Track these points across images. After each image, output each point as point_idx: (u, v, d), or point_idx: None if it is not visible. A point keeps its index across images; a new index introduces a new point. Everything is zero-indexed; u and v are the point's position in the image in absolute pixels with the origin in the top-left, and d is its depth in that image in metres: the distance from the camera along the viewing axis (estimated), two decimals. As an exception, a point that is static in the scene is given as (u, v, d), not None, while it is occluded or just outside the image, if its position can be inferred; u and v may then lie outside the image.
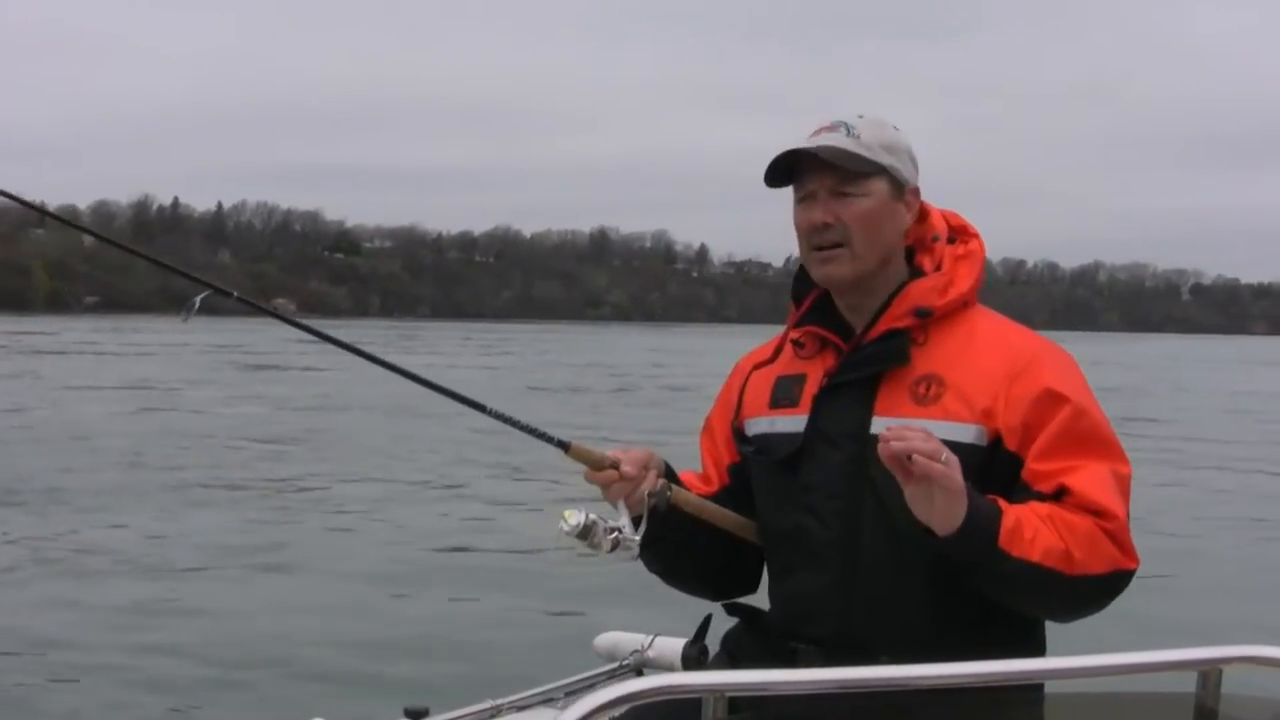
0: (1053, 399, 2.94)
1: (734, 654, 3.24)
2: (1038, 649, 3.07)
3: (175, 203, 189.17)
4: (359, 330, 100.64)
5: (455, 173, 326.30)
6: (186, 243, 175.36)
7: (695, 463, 3.44)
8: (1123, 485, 2.94)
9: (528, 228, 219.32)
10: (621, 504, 3.13)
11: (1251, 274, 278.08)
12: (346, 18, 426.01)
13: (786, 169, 3.14)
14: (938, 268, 3.13)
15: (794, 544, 3.13)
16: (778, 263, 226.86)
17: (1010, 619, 2.97)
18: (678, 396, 37.43)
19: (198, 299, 3.53)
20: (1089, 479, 2.89)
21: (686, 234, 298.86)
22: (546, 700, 3.50)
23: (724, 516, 3.28)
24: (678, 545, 3.25)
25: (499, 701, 3.49)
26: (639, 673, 3.56)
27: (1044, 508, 2.87)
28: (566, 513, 3.10)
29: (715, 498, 3.35)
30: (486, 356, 59.81)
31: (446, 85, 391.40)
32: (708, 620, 3.20)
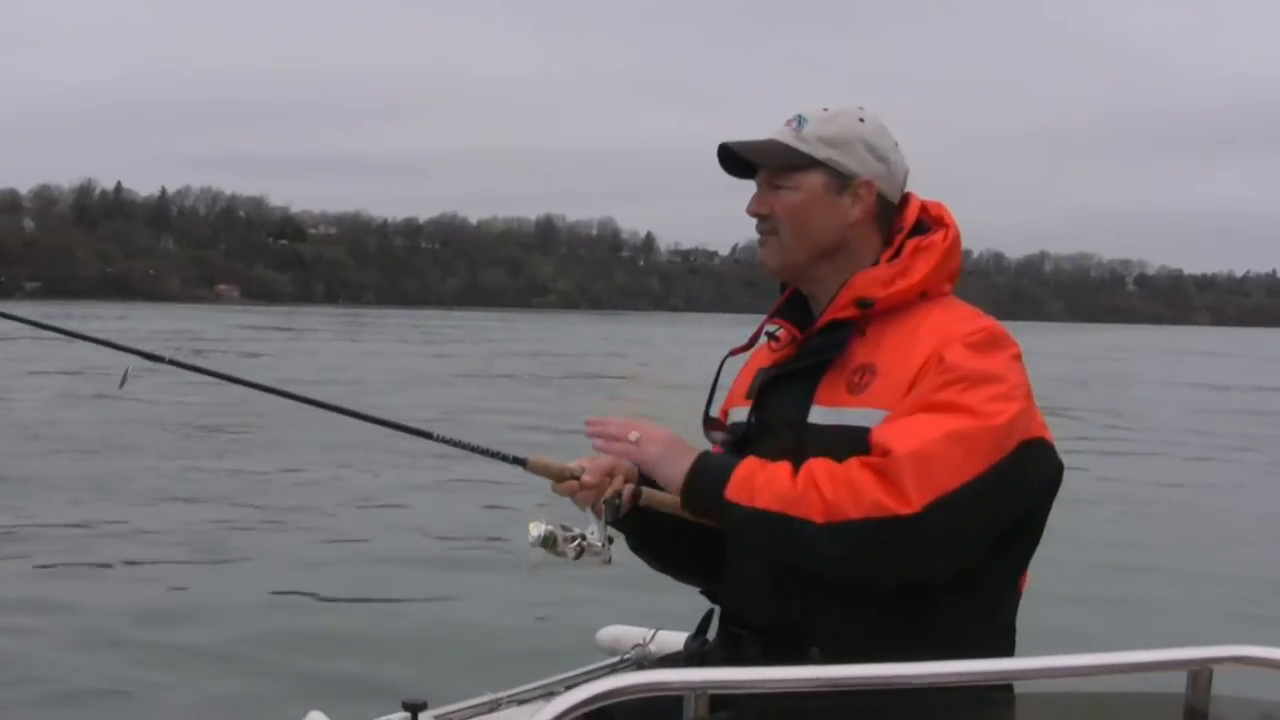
0: (938, 369, 2.88)
1: (690, 644, 3.28)
2: (995, 642, 3.00)
3: (118, 188, 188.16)
4: (304, 317, 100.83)
5: (399, 160, 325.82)
6: (130, 228, 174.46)
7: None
8: (958, 435, 2.77)
9: (474, 215, 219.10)
10: (589, 511, 3.17)
11: (1195, 265, 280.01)
12: (287, 4, 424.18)
13: (749, 162, 3.19)
14: (894, 258, 3.10)
15: None
16: (724, 251, 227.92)
17: (955, 612, 2.89)
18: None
19: (128, 369, 3.42)
20: (898, 426, 2.82)
21: (633, 222, 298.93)
22: (547, 694, 3.48)
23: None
24: (663, 542, 3.28)
25: (498, 695, 3.47)
26: (640, 667, 3.54)
27: (815, 462, 2.84)
28: (531, 524, 3.13)
29: None
30: (434, 344, 59.54)
31: (384, 74, 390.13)
32: (710, 613, 3.19)
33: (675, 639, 3.38)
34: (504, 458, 3.21)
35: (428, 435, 3.34)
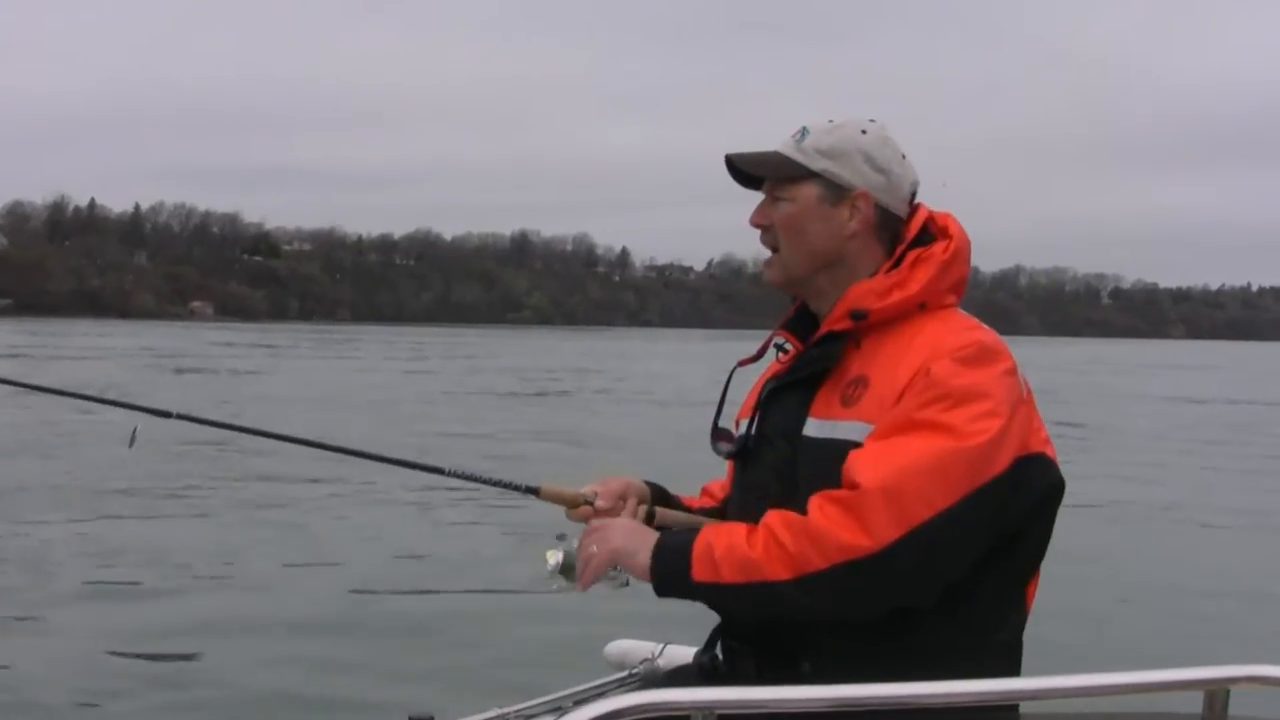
0: (923, 383, 2.84)
1: (698, 660, 3.24)
2: (994, 660, 2.92)
3: (92, 204, 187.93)
4: (279, 334, 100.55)
5: (372, 173, 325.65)
6: (103, 244, 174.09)
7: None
8: (934, 459, 2.73)
9: (448, 230, 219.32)
10: None
11: (1170, 279, 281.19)
12: (254, 19, 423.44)
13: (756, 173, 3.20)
14: (893, 269, 3.07)
15: None
16: (699, 266, 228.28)
17: (945, 629, 2.85)
18: (632, 399, 37.58)
19: (136, 427, 3.41)
20: (871, 451, 2.79)
21: (608, 237, 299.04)
22: (554, 709, 3.45)
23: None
24: None
25: (506, 710, 3.44)
26: (648, 682, 3.53)
27: (773, 516, 2.82)
28: (548, 553, 3.15)
29: (725, 500, 3.40)
30: (417, 361, 59.45)
31: (353, 85, 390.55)
32: (718, 628, 3.17)
33: (684, 653, 3.37)
34: (517, 488, 3.22)
35: (439, 471, 3.34)
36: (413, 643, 9.62)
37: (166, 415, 3.51)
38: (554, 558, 3.13)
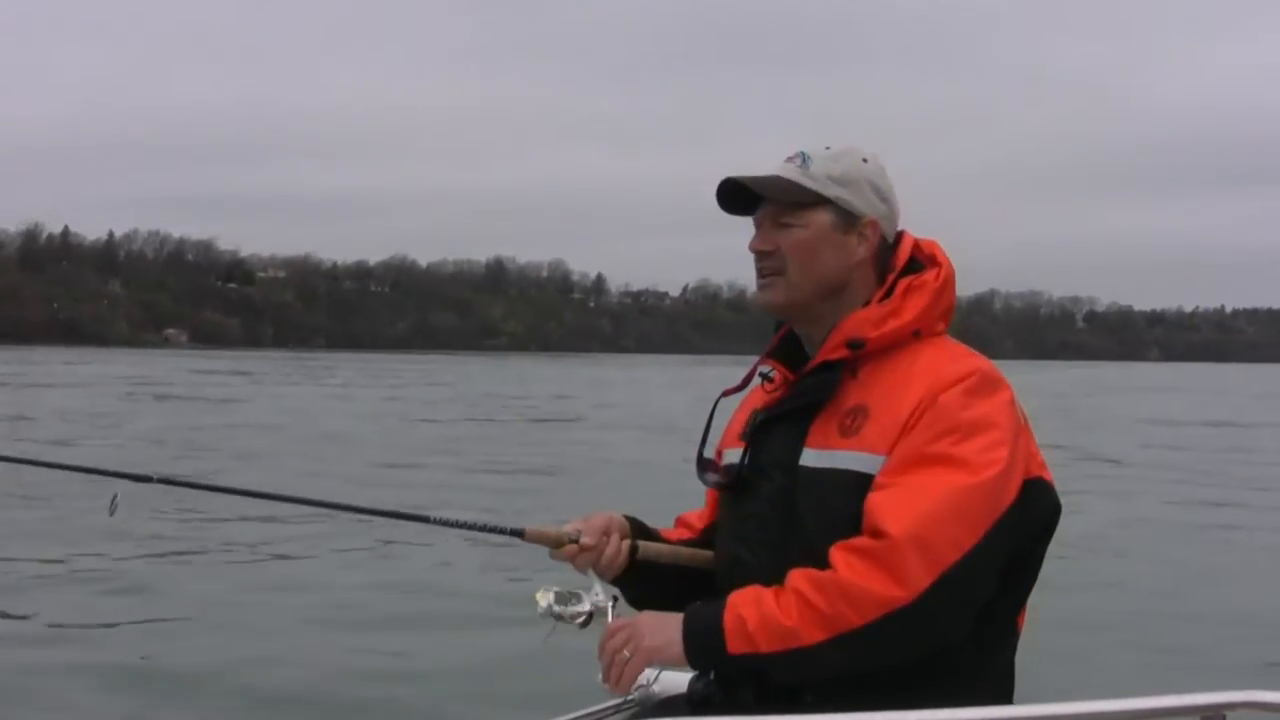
0: (931, 416, 2.88)
1: (693, 687, 3.20)
2: (993, 683, 2.99)
3: (65, 231, 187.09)
4: (255, 361, 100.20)
5: (347, 201, 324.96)
6: (77, 272, 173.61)
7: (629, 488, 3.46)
8: (956, 498, 2.77)
9: (424, 257, 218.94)
10: (591, 572, 3.21)
11: (1144, 301, 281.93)
12: (227, 47, 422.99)
13: (746, 198, 3.17)
14: (885, 298, 3.10)
15: (731, 574, 3.11)
16: (675, 292, 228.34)
17: (950, 654, 2.85)
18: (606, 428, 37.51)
19: (116, 495, 3.29)
20: (892, 496, 2.79)
21: (583, 264, 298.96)
22: None
23: (696, 557, 3.31)
24: (664, 592, 3.26)
25: None
26: (643, 708, 3.52)
27: (798, 577, 2.81)
28: (537, 595, 3.17)
29: (705, 531, 3.40)
30: (395, 388, 59.22)
31: (327, 115, 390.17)
32: None
33: (679, 679, 3.37)
34: (501, 531, 3.23)
35: (424, 519, 3.37)
36: (408, 670, 9.60)
37: (147, 480, 3.42)
38: (544, 599, 3.15)
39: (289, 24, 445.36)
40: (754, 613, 2.81)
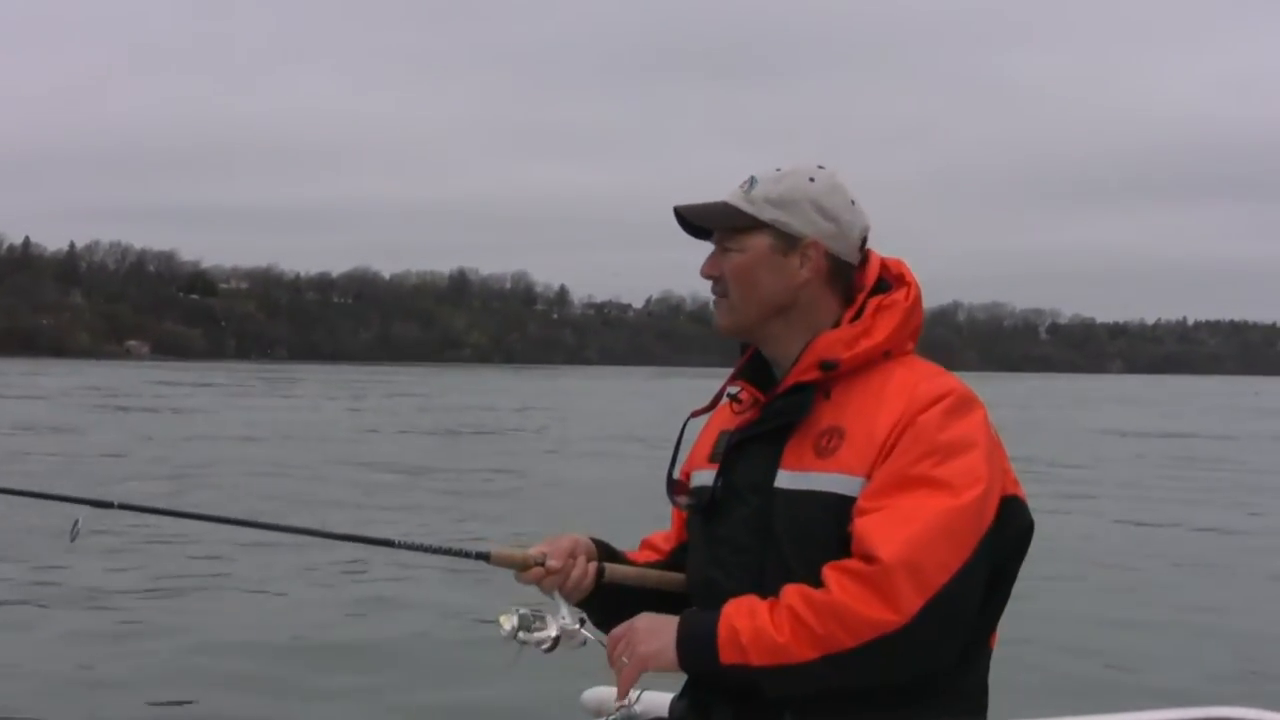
0: (910, 437, 2.88)
1: (673, 708, 3.22)
2: (968, 701, 2.99)
3: (26, 242, 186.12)
4: (216, 373, 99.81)
5: (309, 212, 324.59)
6: (37, 283, 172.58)
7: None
8: (942, 521, 2.78)
9: (387, 268, 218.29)
10: (557, 595, 3.19)
11: (1107, 314, 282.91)
12: (188, 59, 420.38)
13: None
14: (856, 318, 3.09)
15: (706, 597, 3.09)
16: (638, 304, 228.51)
17: (920, 677, 2.85)
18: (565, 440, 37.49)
19: (77, 520, 3.28)
20: (881, 520, 2.79)
21: (546, 275, 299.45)
22: None
23: (664, 580, 3.31)
24: (631, 615, 3.18)
25: None
26: None
27: (793, 594, 2.82)
28: (501, 618, 3.14)
29: (673, 554, 3.40)
30: (360, 400, 59.11)
31: (291, 127, 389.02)
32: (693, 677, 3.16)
33: (661, 700, 3.36)
34: (467, 555, 3.23)
35: (390, 544, 3.37)
36: (391, 696, 9.57)
37: (108, 506, 3.38)
38: (509, 621, 3.13)
39: (249, 35, 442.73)
40: (748, 625, 2.82)
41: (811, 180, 3.13)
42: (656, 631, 2.96)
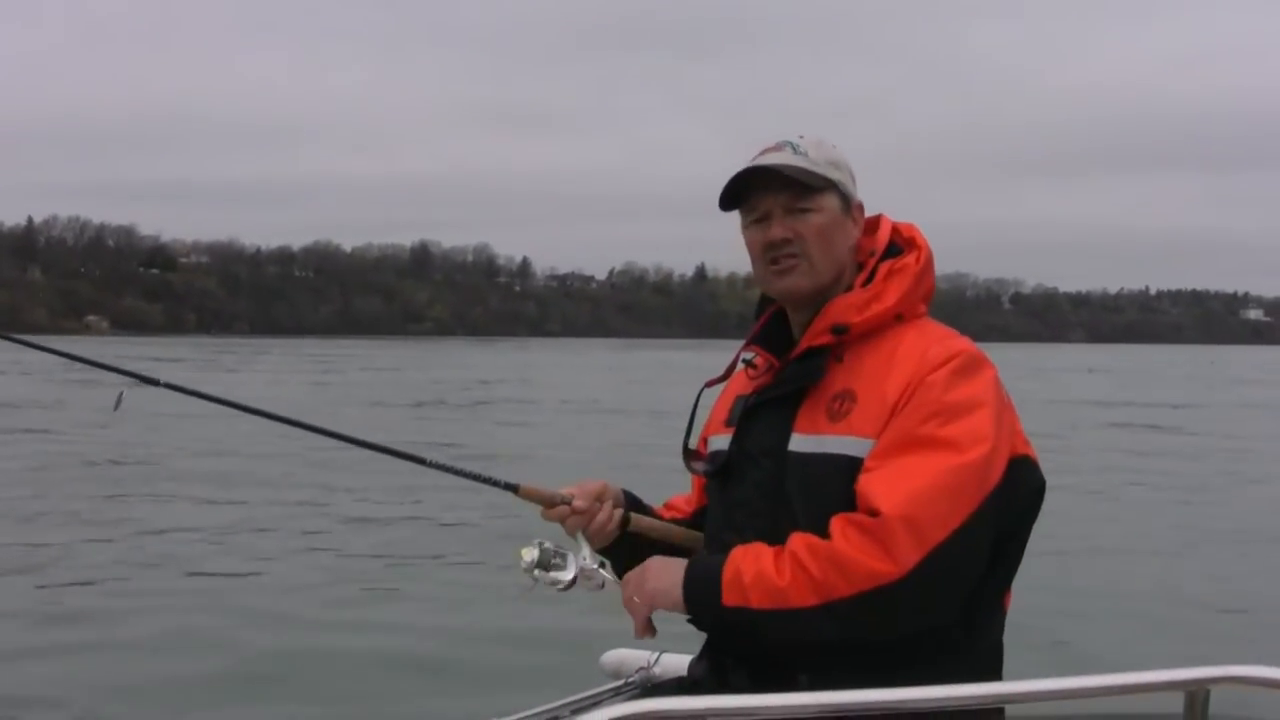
0: (918, 398, 2.91)
1: (692, 670, 3.26)
2: (983, 662, 3.00)
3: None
4: (179, 348, 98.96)
5: (269, 187, 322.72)
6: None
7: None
8: (944, 478, 2.81)
9: (348, 242, 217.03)
10: (580, 536, 3.22)
11: (1070, 284, 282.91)
12: (146, 34, 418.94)
13: (734, 193, 3.18)
14: (868, 283, 3.13)
15: None
16: (601, 275, 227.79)
17: (942, 635, 2.89)
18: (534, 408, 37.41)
19: (122, 391, 3.45)
20: (885, 477, 2.83)
21: (509, 248, 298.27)
22: (552, 718, 3.49)
23: (687, 537, 3.34)
24: None
25: (504, 719, 3.49)
26: (644, 690, 3.55)
27: (797, 541, 2.86)
28: (522, 550, 3.17)
29: (695, 515, 3.44)
30: (333, 373, 58.80)
31: (249, 102, 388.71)
32: (711, 639, 3.20)
33: (680, 662, 3.40)
34: (496, 483, 3.25)
35: (421, 461, 3.36)
36: (407, 653, 9.57)
37: (154, 383, 3.55)
38: (529, 554, 3.16)
39: (209, 11, 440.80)
40: (751, 568, 2.86)
41: (835, 147, 3.20)
42: (666, 570, 3.02)
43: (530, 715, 3.47)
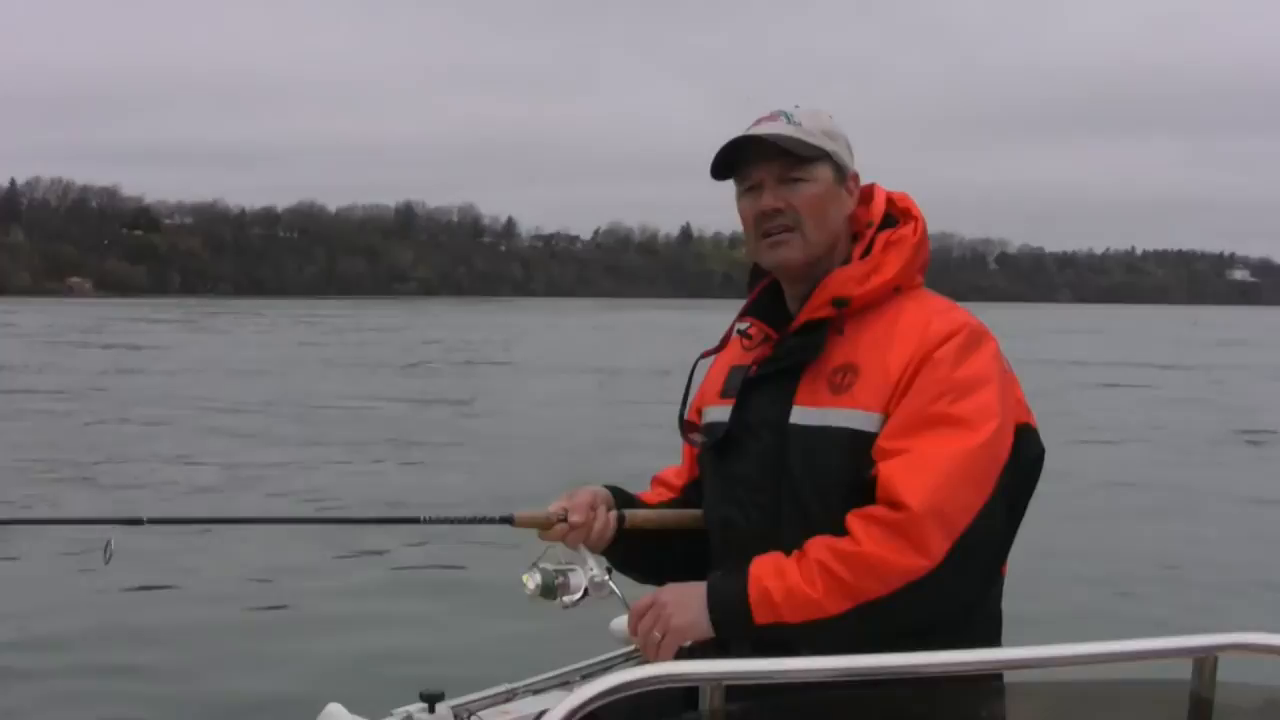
0: (925, 375, 2.92)
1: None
2: (982, 631, 3.02)
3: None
4: (164, 309, 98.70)
5: (253, 149, 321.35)
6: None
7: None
8: (962, 463, 2.84)
9: (332, 203, 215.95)
10: (582, 549, 3.23)
11: (1056, 244, 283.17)
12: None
13: (727, 162, 3.15)
14: (866, 254, 3.13)
15: (723, 534, 3.17)
16: (586, 235, 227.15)
17: None
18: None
19: (110, 541, 3.13)
20: (904, 465, 2.83)
21: (494, 208, 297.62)
22: (562, 683, 3.51)
23: (682, 518, 3.35)
24: (648, 558, 3.34)
25: (515, 685, 3.49)
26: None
27: (818, 547, 2.86)
28: (524, 578, 3.22)
29: (685, 489, 3.44)
30: (319, 335, 58.60)
31: (232, 63, 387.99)
32: None
33: None
34: (491, 520, 3.25)
35: (416, 521, 3.38)
36: (420, 622, 9.68)
37: (138, 523, 3.19)
38: (531, 581, 3.20)
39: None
40: (778, 585, 2.86)
41: (830, 117, 3.19)
42: (685, 603, 2.98)
43: (541, 680, 3.48)
